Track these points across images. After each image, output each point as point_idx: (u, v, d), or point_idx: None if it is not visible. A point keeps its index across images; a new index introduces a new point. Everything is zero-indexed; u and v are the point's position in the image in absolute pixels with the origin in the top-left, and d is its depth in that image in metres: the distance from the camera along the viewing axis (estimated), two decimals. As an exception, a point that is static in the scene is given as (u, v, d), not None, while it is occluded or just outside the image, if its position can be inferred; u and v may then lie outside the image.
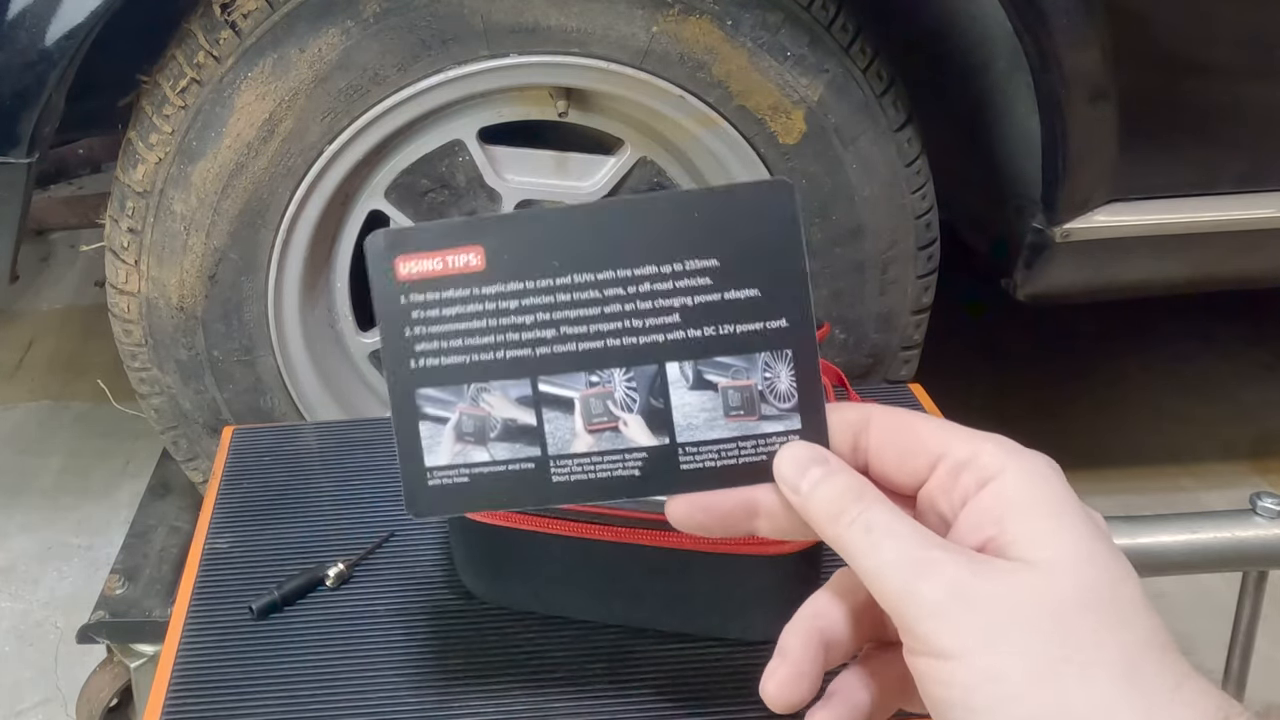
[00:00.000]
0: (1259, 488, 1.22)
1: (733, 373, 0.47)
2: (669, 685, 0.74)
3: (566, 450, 0.48)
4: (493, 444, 0.48)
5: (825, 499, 0.44)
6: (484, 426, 0.48)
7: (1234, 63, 1.33)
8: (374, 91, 1.25)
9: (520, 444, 0.48)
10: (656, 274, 0.47)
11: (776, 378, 0.47)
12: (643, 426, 0.47)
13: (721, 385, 0.47)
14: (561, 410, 0.48)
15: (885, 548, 0.41)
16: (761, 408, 0.47)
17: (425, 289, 0.48)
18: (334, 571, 0.82)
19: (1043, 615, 0.38)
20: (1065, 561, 0.39)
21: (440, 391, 0.48)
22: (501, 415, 0.48)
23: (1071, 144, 1.30)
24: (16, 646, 1.58)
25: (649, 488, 0.47)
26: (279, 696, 0.73)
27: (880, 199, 1.35)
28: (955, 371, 1.51)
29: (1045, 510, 0.41)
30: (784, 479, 0.45)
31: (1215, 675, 1.09)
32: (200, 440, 1.40)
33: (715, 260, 0.47)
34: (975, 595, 0.39)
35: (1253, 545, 1.00)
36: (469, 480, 0.48)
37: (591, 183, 1.37)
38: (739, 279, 0.47)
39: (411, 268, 0.48)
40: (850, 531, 0.42)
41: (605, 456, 0.48)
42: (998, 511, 0.41)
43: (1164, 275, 1.49)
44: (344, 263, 1.40)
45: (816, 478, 0.44)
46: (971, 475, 0.42)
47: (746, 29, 1.25)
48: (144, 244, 1.29)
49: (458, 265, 0.48)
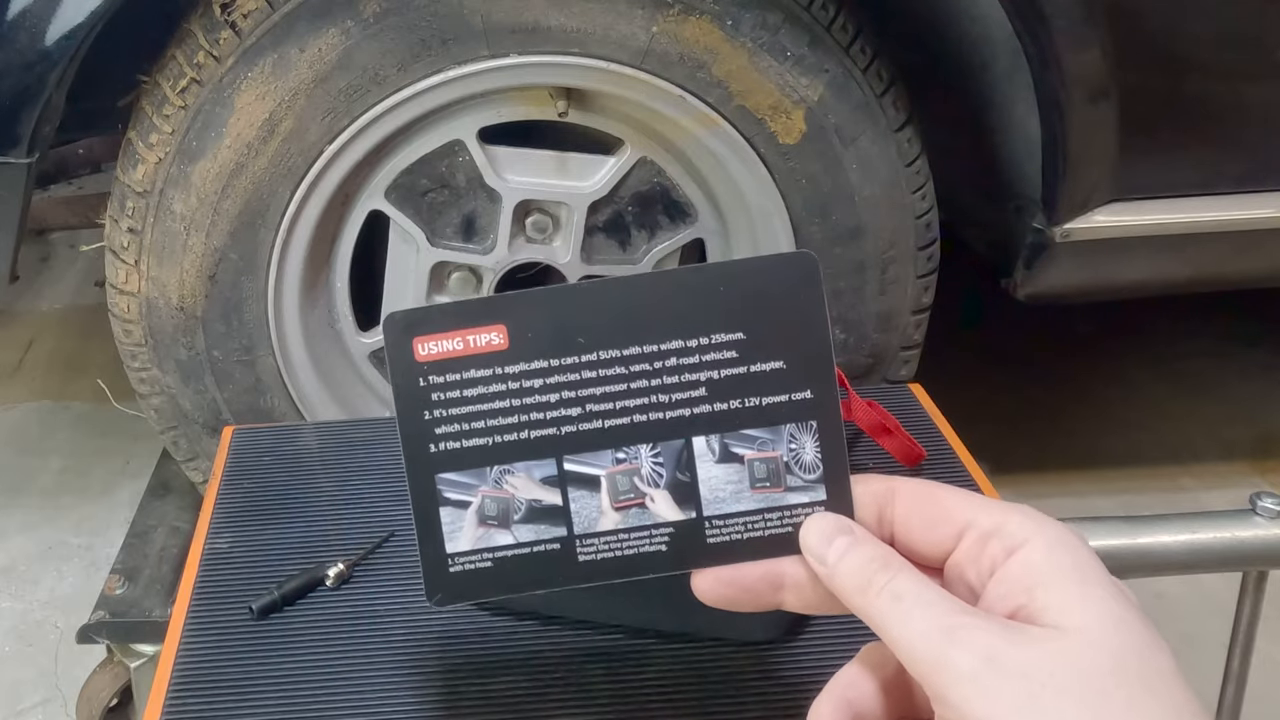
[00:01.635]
0: (1259, 488, 1.22)
1: (759, 445, 0.47)
2: (669, 685, 0.74)
3: (593, 529, 0.47)
4: (517, 526, 0.47)
5: (852, 569, 0.44)
6: (508, 509, 0.47)
7: (1234, 63, 1.33)
8: (374, 91, 1.25)
9: (545, 525, 0.47)
10: (683, 348, 0.47)
11: (802, 449, 0.47)
12: (669, 502, 0.47)
13: (748, 458, 0.47)
14: (588, 489, 0.47)
15: (915, 616, 0.41)
16: (787, 479, 0.47)
17: (445, 370, 0.47)
18: (334, 571, 0.82)
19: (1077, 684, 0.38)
20: (1097, 629, 0.39)
21: (462, 475, 0.47)
22: (526, 496, 0.47)
23: (1071, 144, 1.30)
24: (16, 646, 1.58)
25: (676, 564, 0.47)
26: (279, 696, 0.73)
27: (880, 199, 1.35)
28: (955, 371, 1.51)
29: (1075, 578, 0.41)
30: (810, 550, 0.45)
31: (1215, 675, 1.09)
32: (200, 440, 1.40)
33: (741, 333, 0.47)
34: (1009, 662, 0.38)
35: (1253, 545, 1.00)
36: (492, 565, 0.47)
37: (591, 183, 1.37)
38: (765, 351, 0.47)
39: (431, 348, 0.47)
40: (879, 600, 0.42)
41: (632, 533, 0.47)
42: (1027, 580, 0.41)
43: (1164, 275, 1.49)
44: (344, 263, 1.40)
45: (843, 548, 0.44)
46: (999, 544, 0.42)
47: (746, 29, 1.25)
48: (144, 244, 1.29)
49: (479, 345, 0.47)
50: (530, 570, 0.47)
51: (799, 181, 1.33)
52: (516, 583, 0.47)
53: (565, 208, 1.38)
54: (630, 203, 1.40)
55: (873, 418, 0.95)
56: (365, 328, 1.45)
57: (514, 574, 0.47)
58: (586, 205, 1.38)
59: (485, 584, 0.47)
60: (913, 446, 0.95)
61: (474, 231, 1.39)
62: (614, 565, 0.47)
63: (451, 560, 0.47)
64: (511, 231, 1.38)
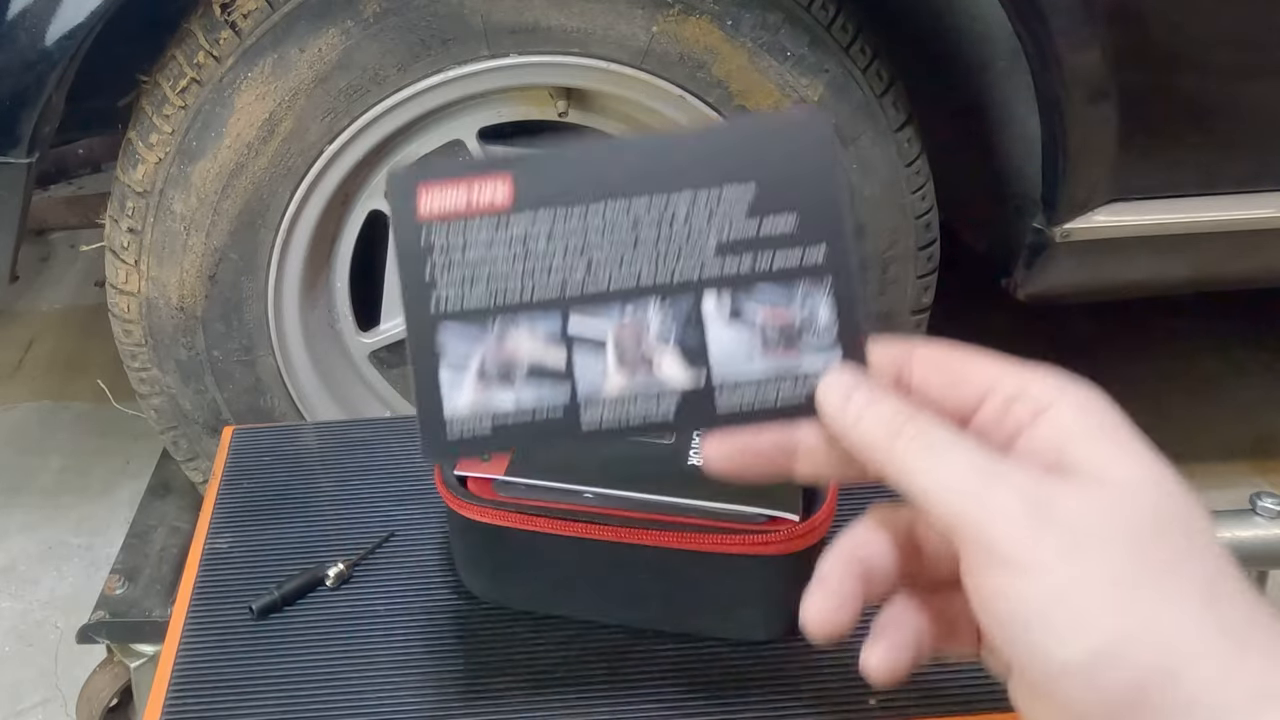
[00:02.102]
0: (1259, 488, 1.22)
1: (771, 304, 0.45)
2: (669, 685, 0.74)
3: (598, 394, 0.45)
4: (519, 388, 0.45)
5: (878, 420, 0.41)
6: (510, 370, 0.45)
7: (1234, 63, 1.33)
8: (374, 91, 1.25)
9: (548, 389, 0.45)
10: (692, 200, 0.45)
11: (816, 309, 0.45)
12: (678, 364, 0.45)
13: (760, 318, 0.45)
14: (592, 349, 0.45)
15: (951, 461, 0.39)
16: (801, 342, 0.44)
17: (448, 221, 0.45)
18: (334, 571, 0.82)
19: (1122, 532, 0.37)
20: (1138, 483, 0.38)
21: (462, 334, 0.45)
22: (529, 357, 0.45)
23: (1071, 144, 1.30)
24: (16, 646, 1.58)
25: (683, 428, 0.45)
26: (279, 696, 0.73)
27: (880, 199, 1.35)
28: (955, 371, 1.51)
29: (1108, 436, 0.39)
30: (829, 404, 0.43)
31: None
32: (200, 440, 1.40)
33: (752, 186, 0.45)
34: (1053, 506, 0.37)
35: (1253, 545, 1.00)
36: (491, 433, 0.45)
37: (591, 183, 1.37)
38: (776, 206, 0.45)
39: (434, 201, 0.45)
40: (910, 449, 0.40)
41: (638, 400, 0.45)
42: (1057, 440, 0.39)
43: (1164, 275, 1.49)
44: (344, 263, 1.40)
45: (863, 402, 0.42)
46: (1024, 406, 0.41)
47: (746, 29, 1.25)
48: (144, 244, 1.29)
49: (483, 198, 0.45)
50: (530, 436, 0.45)
51: (799, 181, 1.33)
52: (517, 441, 0.45)
53: (565, 208, 1.38)
54: (630, 203, 1.40)
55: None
56: (365, 328, 1.45)
57: (513, 440, 0.45)
58: (586, 205, 1.38)
59: (483, 444, 0.45)
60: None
61: (474, 231, 1.39)
62: (618, 434, 0.45)
63: (449, 426, 0.45)
64: (511, 231, 1.38)
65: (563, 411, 0.45)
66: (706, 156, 0.45)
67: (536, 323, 0.45)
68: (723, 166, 0.45)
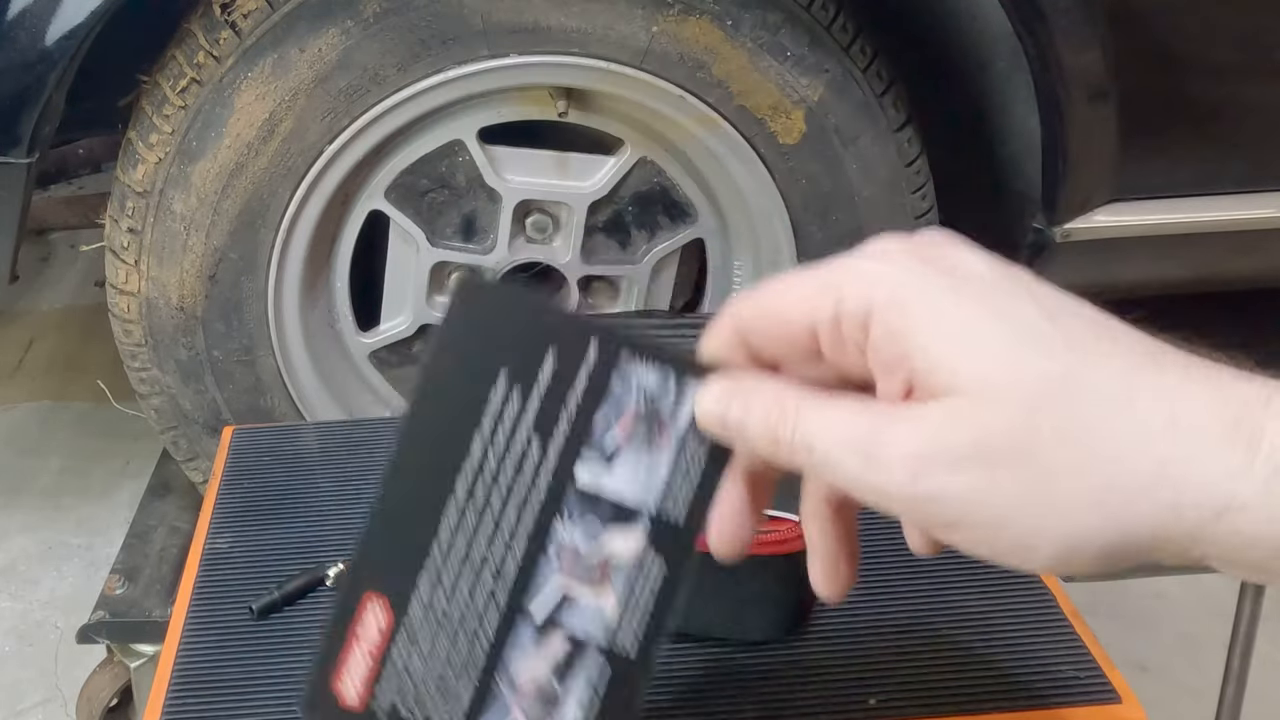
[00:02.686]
0: (1259, 488, 1.22)
1: (615, 419, 0.43)
2: (669, 685, 0.74)
3: (612, 624, 0.44)
4: (564, 695, 0.44)
5: (756, 432, 0.39)
6: (547, 698, 0.44)
7: (1234, 63, 1.33)
8: (374, 91, 1.25)
9: (582, 673, 0.43)
10: (480, 437, 0.43)
11: (639, 378, 0.43)
12: (619, 535, 0.44)
13: (619, 440, 0.43)
14: (571, 607, 0.44)
15: (834, 458, 0.37)
16: (661, 414, 0.43)
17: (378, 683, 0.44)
18: (334, 571, 0.82)
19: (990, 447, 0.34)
20: (1000, 377, 0.34)
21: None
22: (541, 675, 0.44)
23: (1071, 144, 1.30)
24: (16, 646, 1.58)
25: (681, 569, 0.44)
26: (279, 696, 0.73)
27: (880, 199, 1.35)
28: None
29: (942, 330, 0.35)
30: (717, 433, 0.41)
31: (1215, 675, 1.09)
32: (200, 440, 1.40)
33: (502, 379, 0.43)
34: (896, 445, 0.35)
35: (1253, 545, 1.00)
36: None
37: (591, 183, 1.37)
38: (525, 377, 0.43)
39: (348, 688, 0.44)
40: (795, 458, 0.38)
41: (634, 589, 0.44)
42: (895, 350, 0.36)
43: (1164, 275, 1.49)
44: (344, 263, 1.40)
45: (738, 411, 0.40)
46: (849, 323, 0.37)
47: (746, 29, 1.25)
48: (144, 244, 1.29)
49: (373, 639, 0.44)
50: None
51: (799, 181, 1.33)
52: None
53: (565, 208, 1.38)
54: (630, 203, 1.40)
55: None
56: (365, 328, 1.45)
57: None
58: (586, 205, 1.38)
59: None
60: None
61: (474, 231, 1.39)
62: (654, 629, 0.44)
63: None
64: (511, 231, 1.38)
65: (609, 664, 0.43)
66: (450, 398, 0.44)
67: (519, 645, 0.43)
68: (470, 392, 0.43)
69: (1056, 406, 0.34)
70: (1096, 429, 0.34)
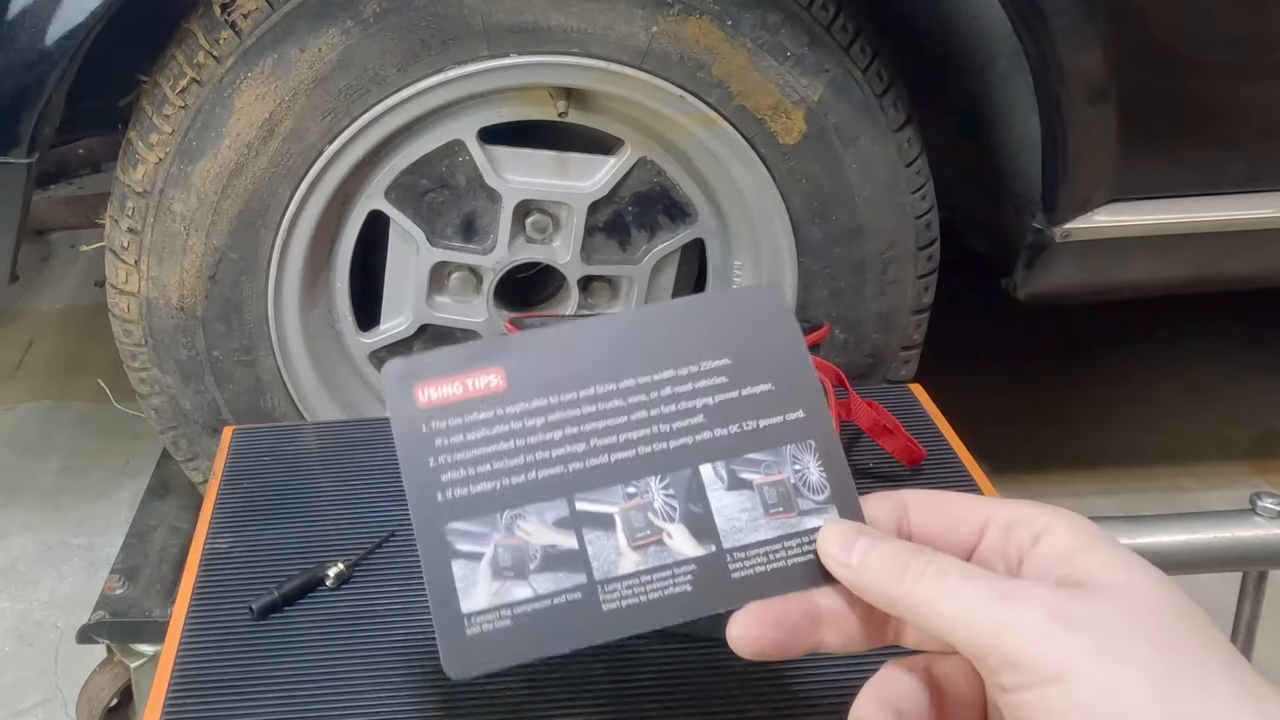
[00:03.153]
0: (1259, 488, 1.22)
1: (764, 469, 0.47)
2: (669, 685, 0.74)
3: (614, 572, 0.45)
4: (534, 576, 0.45)
5: (882, 560, 0.43)
6: (523, 557, 0.45)
7: (1234, 63, 1.33)
8: (374, 91, 1.25)
9: (564, 572, 0.45)
10: (675, 376, 0.47)
11: (806, 469, 0.47)
12: (687, 536, 0.46)
13: (756, 483, 0.47)
14: (602, 529, 0.46)
15: (967, 587, 0.40)
16: (798, 502, 0.46)
17: (447, 414, 0.46)
18: (334, 571, 0.82)
19: (1147, 625, 0.38)
20: (1145, 581, 0.40)
21: (472, 524, 0.45)
22: (540, 542, 0.45)
23: (1071, 144, 1.30)
24: (16, 646, 1.58)
25: (704, 604, 0.46)
26: (279, 696, 0.73)
27: (880, 199, 1.35)
28: (955, 371, 1.51)
29: (1107, 545, 0.41)
30: (830, 556, 0.45)
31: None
32: (200, 440, 1.40)
33: (728, 359, 0.48)
34: (1075, 614, 0.38)
35: (1253, 545, 1.00)
36: (512, 623, 0.44)
37: (591, 183, 1.37)
38: (752, 375, 0.48)
39: (431, 394, 0.46)
40: (922, 583, 0.41)
41: (654, 574, 0.45)
42: (1062, 555, 0.41)
43: (1164, 275, 1.49)
44: (344, 263, 1.40)
45: (865, 546, 0.44)
46: (1024, 531, 0.43)
47: (746, 29, 1.25)
48: (144, 244, 1.29)
49: (479, 388, 0.46)
50: (553, 624, 0.44)
51: (799, 181, 1.33)
52: (540, 642, 0.44)
53: (565, 208, 1.38)
54: (630, 203, 1.40)
55: (873, 418, 0.95)
56: (365, 328, 1.45)
57: (536, 631, 0.44)
58: (586, 205, 1.38)
59: (507, 646, 0.44)
60: (913, 446, 0.95)
61: (474, 231, 1.39)
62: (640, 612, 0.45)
63: (469, 621, 0.44)
64: (511, 231, 1.38)
65: (581, 593, 0.45)
66: (680, 333, 0.48)
67: (544, 508, 0.46)
68: (697, 342, 0.48)
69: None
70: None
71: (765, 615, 0.44)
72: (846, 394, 0.96)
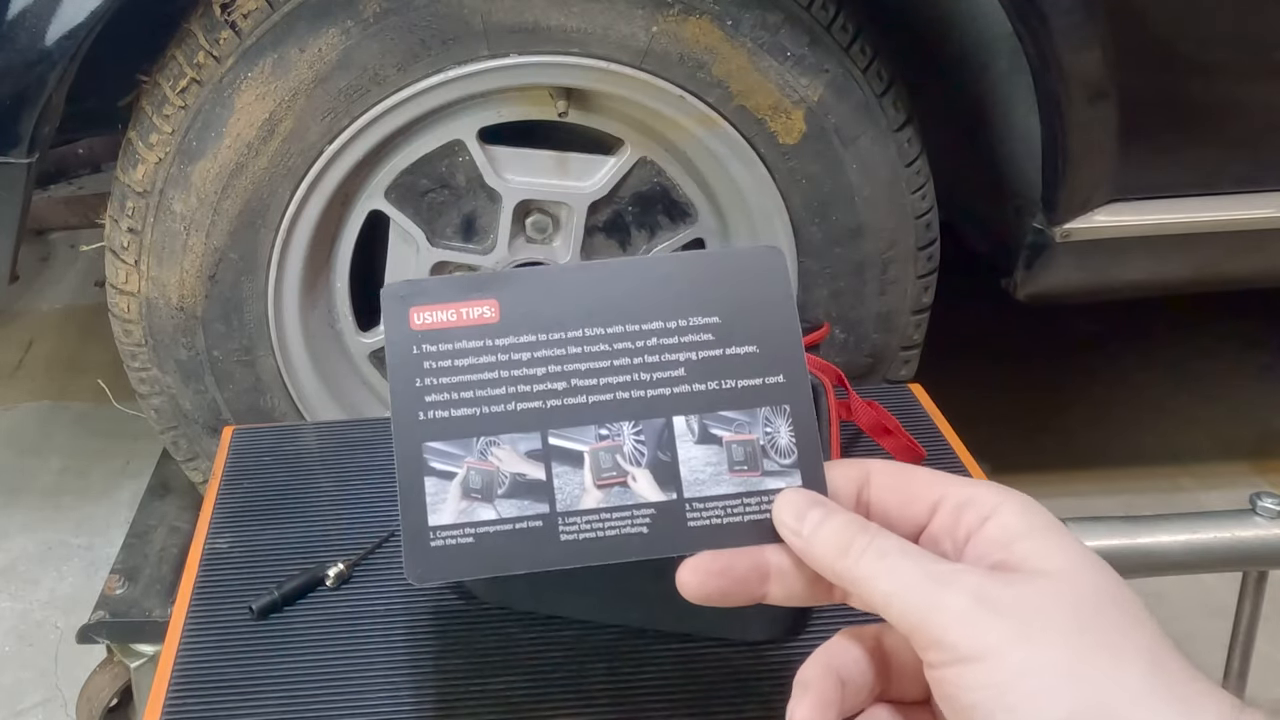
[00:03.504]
0: (1259, 488, 1.22)
1: (736, 427, 0.48)
2: (669, 685, 0.74)
3: (575, 506, 0.47)
4: (500, 501, 0.47)
5: (830, 535, 0.45)
6: (492, 482, 0.47)
7: (1234, 63, 1.33)
8: (374, 91, 1.25)
9: (528, 500, 0.47)
10: (663, 329, 0.49)
11: (777, 433, 0.48)
12: (651, 481, 0.48)
13: (726, 439, 0.48)
14: (571, 464, 0.48)
15: (903, 568, 0.42)
16: (764, 463, 0.48)
17: (438, 339, 0.48)
18: (334, 571, 0.82)
19: (1067, 613, 0.40)
20: (1077, 568, 0.41)
21: (448, 445, 0.48)
22: (510, 470, 0.48)
23: (1071, 144, 1.30)
24: (16, 646, 1.58)
25: (657, 546, 0.48)
26: (279, 696, 0.73)
27: (880, 199, 1.35)
28: (955, 371, 1.51)
29: (1050, 531, 0.43)
30: (783, 524, 0.46)
31: (1215, 675, 1.09)
32: (200, 440, 1.40)
33: (716, 317, 0.49)
34: (1000, 598, 0.40)
35: (1253, 545, 1.00)
36: (474, 541, 0.47)
37: (591, 183, 1.37)
38: (739, 335, 0.49)
39: (425, 317, 0.48)
40: (863, 560, 0.43)
41: (614, 513, 0.48)
42: (1005, 538, 0.43)
43: (1164, 275, 1.49)
44: (344, 263, 1.40)
45: (817, 519, 0.46)
46: (973, 512, 0.44)
47: (746, 29, 1.25)
48: (144, 244, 1.29)
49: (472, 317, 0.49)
50: (512, 547, 0.47)
51: (799, 181, 1.33)
52: (497, 561, 0.47)
53: (565, 208, 1.38)
54: (630, 203, 1.40)
55: (873, 418, 0.95)
56: (365, 328, 1.45)
57: (495, 551, 0.47)
58: (586, 205, 1.38)
59: (466, 561, 0.47)
60: (913, 446, 0.95)
61: (474, 231, 1.39)
62: (595, 546, 0.47)
63: (434, 533, 0.47)
64: (511, 231, 1.38)
65: (542, 522, 0.47)
66: (674, 288, 0.49)
67: (518, 438, 0.48)
68: (689, 298, 0.49)
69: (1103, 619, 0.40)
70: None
71: (713, 564, 0.46)
72: (846, 394, 0.96)
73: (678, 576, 0.46)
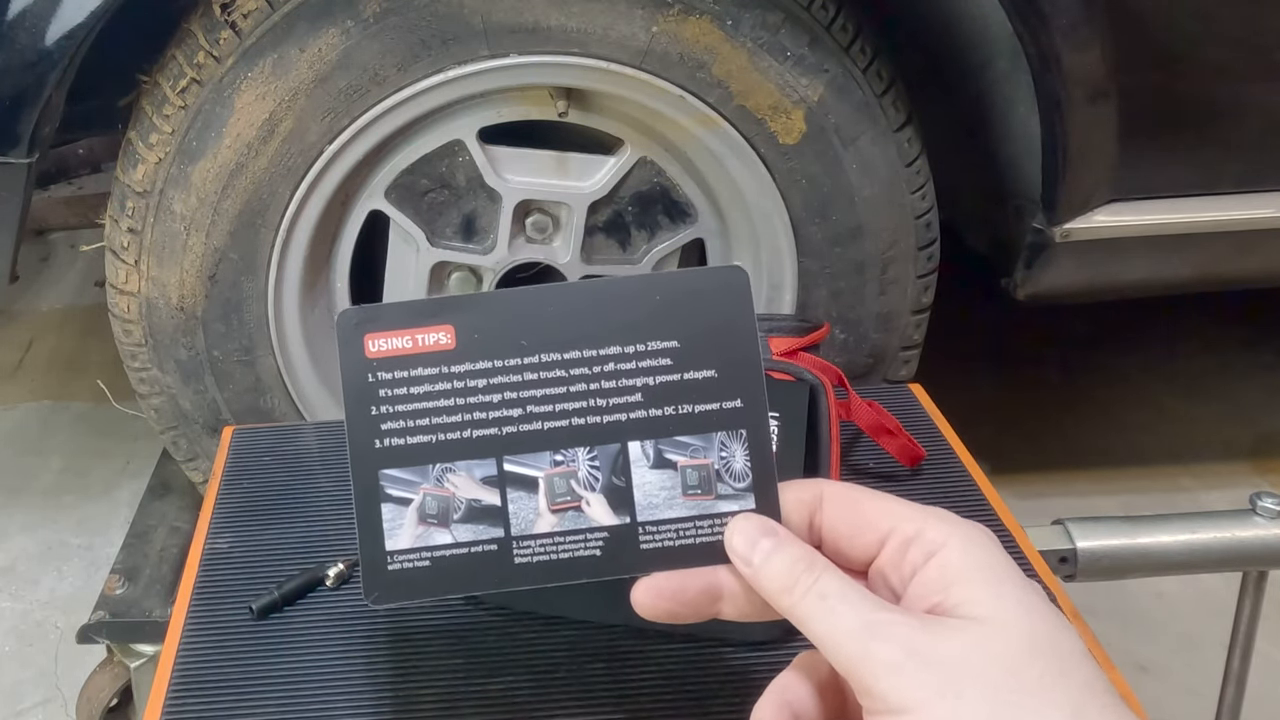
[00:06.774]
0: (1259, 488, 1.22)
1: (691, 452, 0.49)
2: (669, 685, 0.74)
3: (529, 530, 0.48)
4: (456, 526, 0.48)
5: (777, 570, 0.45)
6: (448, 508, 0.48)
7: (1234, 63, 1.33)
8: (374, 91, 1.25)
9: (484, 525, 0.48)
10: (620, 354, 0.49)
11: (732, 457, 0.49)
12: (604, 506, 0.48)
13: (680, 464, 0.49)
14: (526, 490, 0.48)
15: (840, 614, 0.43)
16: (718, 487, 0.49)
17: (393, 367, 0.49)
18: (334, 571, 0.82)
19: (993, 665, 0.40)
20: (1007, 617, 0.41)
21: (405, 472, 0.48)
22: (466, 496, 0.48)
23: (1071, 144, 1.30)
24: (16, 646, 1.58)
25: (609, 568, 0.48)
26: (279, 696, 0.73)
27: (880, 199, 1.35)
28: (955, 371, 1.51)
29: (987, 575, 0.43)
30: (735, 552, 0.47)
31: (1215, 675, 1.09)
32: (200, 440, 1.40)
33: (675, 342, 0.49)
34: (928, 652, 0.41)
35: (1253, 545, 1.00)
36: (430, 564, 0.48)
37: (591, 183, 1.37)
38: (697, 360, 0.49)
39: (380, 345, 0.49)
40: (805, 601, 0.44)
41: (567, 537, 0.48)
42: (943, 580, 0.43)
43: (1164, 275, 1.49)
44: (344, 263, 1.40)
45: (767, 549, 0.46)
46: (919, 549, 0.44)
47: (746, 29, 1.25)
48: (144, 244, 1.29)
49: (427, 344, 0.49)
50: (467, 571, 0.48)
51: (799, 181, 1.33)
52: (453, 583, 0.48)
53: (565, 208, 1.38)
54: (630, 203, 1.40)
55: (873, 418, 0.95)
56: (365, 328, 1.45)
57: (451, 574, 0.48)
58: (586, 205, 1.38)
59: (422, 584, 0.48)
60: (913, 447, 0.95)
61: (474, 231, 1.39)
62: (549, 568, 0.48)
63: (390, 558, 0.48)
64: (511, 231, 1.38)
65: (497, 545, 0.48)
66: (634, 312, 0.49)
67: (474, 465, 0.48)
68: (649, 322, 0.49)
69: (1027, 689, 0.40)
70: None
71: (665, 585, 0.47)
72: (846, 394, 0.96)
73: (632, 596, 0.47)
